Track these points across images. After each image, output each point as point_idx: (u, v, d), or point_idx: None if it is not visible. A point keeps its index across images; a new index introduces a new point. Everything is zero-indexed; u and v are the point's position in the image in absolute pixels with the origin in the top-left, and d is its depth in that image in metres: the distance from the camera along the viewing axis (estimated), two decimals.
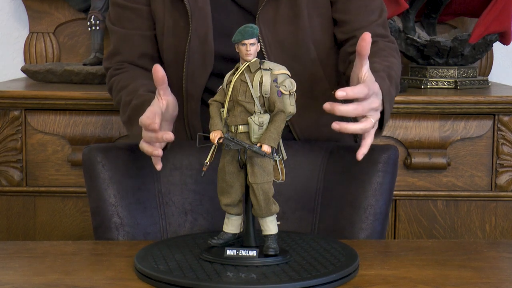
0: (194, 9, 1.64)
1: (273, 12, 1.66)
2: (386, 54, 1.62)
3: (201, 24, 1.65)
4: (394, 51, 1.67)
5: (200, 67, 1.68)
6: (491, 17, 2.35)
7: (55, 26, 2.71)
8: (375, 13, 1.70)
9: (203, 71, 1.68)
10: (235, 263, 1.28)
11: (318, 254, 1.35)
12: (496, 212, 2.27)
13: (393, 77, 1.54)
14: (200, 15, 1.65)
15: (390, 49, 1.66)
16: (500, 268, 1.39)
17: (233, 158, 1.30)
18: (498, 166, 2.25)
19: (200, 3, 1.65)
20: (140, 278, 1.26)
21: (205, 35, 1.66)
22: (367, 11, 1.69)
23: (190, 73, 1.68)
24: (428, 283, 1.25)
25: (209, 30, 1.66)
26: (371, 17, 1.69)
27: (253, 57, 1.29)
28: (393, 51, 1.66)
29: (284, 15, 1.66)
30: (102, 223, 1.62)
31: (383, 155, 1.67)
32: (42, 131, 2.26)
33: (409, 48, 2.47)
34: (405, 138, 2.24)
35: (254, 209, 1.31)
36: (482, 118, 2.24)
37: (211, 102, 1.32)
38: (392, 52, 1.65)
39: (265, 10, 1.65)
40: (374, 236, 1.60)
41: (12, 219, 2.28)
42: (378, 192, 1.64)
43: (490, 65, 2.73)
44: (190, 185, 1.67)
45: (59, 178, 2.27)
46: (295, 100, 1.34)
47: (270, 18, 1.66)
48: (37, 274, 1.29)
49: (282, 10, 1.66)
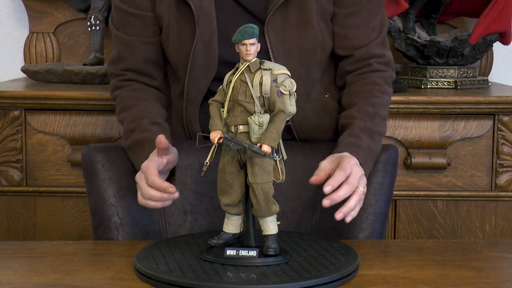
0: (200, 14, 1.64)
1: (282, 19, 1.66)
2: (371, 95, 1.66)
3: (206, 29, 1.65)
4: (383, 81, 1.70)
5: (203, 72, 1.67)
6: (491, 17, 2.35)
7: (55, 26, 2.71)
8: (376, 30, 1.71)
9: (206, 76, 1.68)
10: (235, 263, 1.28)
11: (318, 254, 1.35)
12: (496, 212, 2.27)
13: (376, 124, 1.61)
14: (205, 19, 1.65)
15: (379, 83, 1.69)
16: (500, 268, 1.39)
17: (233, 158, 1.30)
18: (498, 166, 2.25)
19: (205, 8, 1.65)
20: (140, 278, 1.26)
21: (210, 40, 1.65)
22: (368, 28, 1.70)
23: (193, 77, 1.68)
24: (428, 283, 1.25)
25: (214, 34, 1.66)
26: (370, 35, 1.71)
27: (253, 57, 1.29)
28: (381, 85, 1.69)
29: (293, 22, 1.66)
30: (101, 223, 1.62)
31: (383, 155, 1.67)
32: (42, 131, 2.26)
33: (409, 48, 2.47)
34: (405, 138, 2.24)
35: (254, 209, 1.31)
36: (482, 118, 2.24)
37: (211, 102, 1.32)
38: (380, 88, 1.68)
39: (274, 17, 1.65)
40: (374, 236, 1.60)
41: (12, 219, 2.28)
42: (378, 192, 1.64)
43: (490, 65, 2.73)
44: (190, 185, 1.67)
45: (59, 178, 2.27)
46: (295, 100, 1.34)
47: (279, 25, 1.66)
48: (37, 274, 1.29)
49: (291, 17, 1.66)
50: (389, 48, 1.75)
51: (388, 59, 1.73)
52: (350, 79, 1.72)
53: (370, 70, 1.70)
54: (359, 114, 1.62)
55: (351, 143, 1.55)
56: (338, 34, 1.71)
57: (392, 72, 1.74)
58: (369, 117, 1.62)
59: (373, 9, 1.70)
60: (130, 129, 1.64)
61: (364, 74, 1.70)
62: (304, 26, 1.66)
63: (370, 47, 1.70)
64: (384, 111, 1.67)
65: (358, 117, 1.61)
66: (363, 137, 1.57)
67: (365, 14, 1.69)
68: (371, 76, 1.69)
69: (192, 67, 1.67)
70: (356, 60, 1.70)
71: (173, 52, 1.69)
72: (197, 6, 1.64)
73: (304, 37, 1.67)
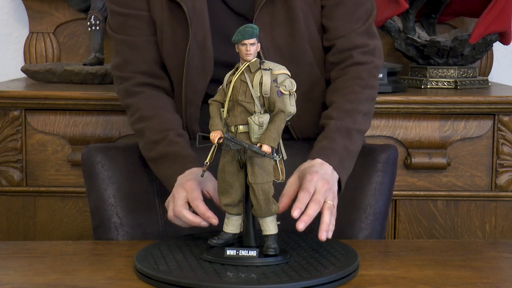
0: (192, 15, 1.64)
1: (269, 16, 1.65)
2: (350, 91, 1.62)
3: (199, 29, 1.65)
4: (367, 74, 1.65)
5: (199, 73, 1.67)
6: (491, 17, 2.35)
7: (55, 26, 2.71)
8: (361, 20, 1.69)
9: (203, 78, 1.68)
10: (235, 263, 1.28)
11: (318, 254, 1.35)
12: (496, 212, 2.27)
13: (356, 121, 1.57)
14: (198, 20, 1.64)
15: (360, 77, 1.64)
16: (500, 268, 1.39)
17: (233, 158, 1.30)
18: (498, 166, 2.25)
19: (197, 9, 1.64)
20: (140, 278, 1.26)
21: (204, 40, 1.65)
22: (352, 19, 1.68)
23: (189, 79, 1.68)
24: (428, 283, 1.25)
25: (208, 35, 1.65)
26: (354, 25, 1.68)
27: (253, 57, 1.29)
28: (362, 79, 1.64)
29: (280, 19, 1.65)
30: (101, 223, 1.62)
31: (383, 155, 1.67)
32: (42, 131, 2.26)
33: (409, 48, 2.47)
34: (405, 138, 2.24)
35: (254, 209, 1.31)
36: (482, 118, 2.24)
37: (211, 102, 1.32)
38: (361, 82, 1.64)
39: (261, 15, 1.65)
40: (374, 236, 1.60)
41: (12, 219, 2.28)
42: (378, 192, 1.64)
43: (490, 65, 2.73)
44: None
45: (59, 178, 2.27)
46: (295, 100, 1.34)
47: (266, 22, 1.65)
48: (37, 274, 1.29)
49: (278, 14, 1.65)
50: (376, 38, 1.71)
51: (372, 48, 1.69)
52: (334, 74, 1.69)
53: (352, 63, 1.66)
54: (336, 113, 1.59)
55: (323, 146, 1.52)
56: (325, 26, 1.70)
57: (378, 60, 1.69)
58: (346, 115, 1.58)
59: (359, 0, 1.69)
60: (154, 141, 1.61)
61: (347, 68, 1.66)
62: (291, 23, 1.66)
63: (352, 37, 1.67)
64: (365, 106, 1.62)
65: (334, 117, 1.58)
66: (338, 138, 1.54)
67: (350, 5, 1.68)
68: (352, 71, 1.65)
69: (188, 69, 1.66)
70: (338, 50, 1.68)
71: (168, 54, 1.68)
72: (189, 7, 1.63)
73: (292, 35, 1.66)
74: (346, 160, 1.53)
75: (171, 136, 1.61)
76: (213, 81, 1.67)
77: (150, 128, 1.64)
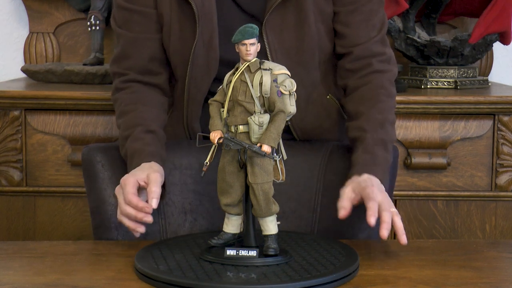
0: (201, 13, 1.64)
1: (280, 19, 1.65)
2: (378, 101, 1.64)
3: (207, 28, 1.65)
4: (388, 83, 1.69)
5: (204, 72, 1.67)
6: (491, 17, 2.35)
7: (55, 26, 2.71)
8: (376, 28, 1.70)
9: (206, 76, 1.68)
10: (235, 263, 1.28)
11: (318, 254, 1.35)
12: (496, 212, 2.27)
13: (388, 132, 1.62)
14: (206, 18, 1.64)
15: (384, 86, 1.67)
16: (500, 268, 1.39)
17: (233, 158, 1.30)
18: (498, 166, 2.25)
19: (206, 7, 1.64)
20: (140, 278, 1.26)
21: (210, 39, 1.65)
22: (368, 26, 1.69)
23: (193, 77, 1.68)
24: (428, 283, 1.25)
25: (215, 34, 1.65)
26: (370, 33, 1.69)
27: (253, 57, 1.29)
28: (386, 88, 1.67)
29: (291, 22, 1.66)
30: (101, 223, 1.62)
31: None
32: (42, 131, 2.26)
33: (409, 48, 2.47)
34: (405, 138, 2.24)
35: (254, 209, 1.31)
36: (482, 118, 2.24)
37: (211, 102, 1.32)
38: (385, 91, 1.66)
39: (272, 17, 1.65)
40: (374, 236, 1.60)
41: (12, 219, 2.28)
42: None
43: (490, 65, 2.73)
44: (190, 185, 1.67)
45: (59, 178, 2.27)
46: (295, 100, 1.34)
47: (276, 25, 1.65)
48: (37, 274, 1.29)
49: (289, 17, 1.66)
50: (389, 46, 1.74)
51: (389, 56, 1.71)
52: (353, 83, 1.69)
53: (372, 71, 1.68)
54: (368, 125, 1.60)
55: (367, 162, 1.54)
56: (338, 32, 1.71)
57: (395, 69, 1.72)
58: (379, 126, 1.60)
59: (373, 8, 1.70)
60: (124, 137, 1.61)
61: (367, 77, 1.67)
62: (301, 26, 1.66)
63: (370, 45, 1.69)
64: (392, 115, 1.65)
65: (368, 130, 1.59)
66: (378, 151, 1.56)
67: (365, 12, 1.69)
68: (375, 79, 1.67)
69: (193, 67, 1.66)
70: (356, 57, 1.69)
71: (174, 51, 1.69)
72: (198, 5, 1.64)
73: (301, 38, 1.66)
74: (386, 173, 1.57)
75: (137, 133, 1.59)
76: (217, 79, 1.67)
77: (124, 124, 1.64)
